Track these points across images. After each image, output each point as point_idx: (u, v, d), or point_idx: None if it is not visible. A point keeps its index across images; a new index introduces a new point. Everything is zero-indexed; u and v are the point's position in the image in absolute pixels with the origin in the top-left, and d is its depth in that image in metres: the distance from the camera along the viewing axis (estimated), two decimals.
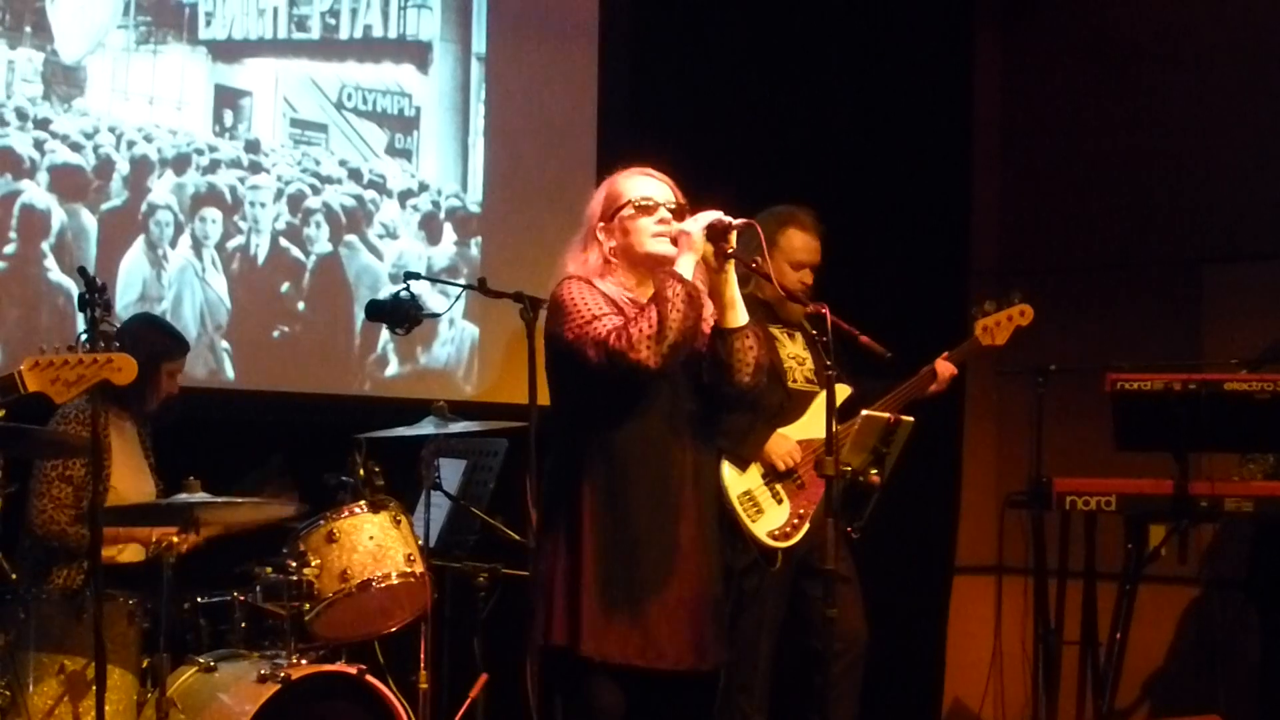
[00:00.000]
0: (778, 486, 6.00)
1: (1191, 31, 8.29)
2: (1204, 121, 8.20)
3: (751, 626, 6.02)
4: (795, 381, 6.14)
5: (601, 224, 4.78)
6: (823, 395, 5.62)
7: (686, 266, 4.58)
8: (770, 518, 5.96)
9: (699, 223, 4.61)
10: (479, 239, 7.61)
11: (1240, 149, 8.04)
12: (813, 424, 6.07)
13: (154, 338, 6.09)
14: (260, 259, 7.04)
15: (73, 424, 5.80)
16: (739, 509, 5.93)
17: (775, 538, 5.95)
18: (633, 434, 4.63)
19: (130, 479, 6.00)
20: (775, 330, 6.16)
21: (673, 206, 4.74)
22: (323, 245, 7.18)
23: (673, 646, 4.62)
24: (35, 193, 6.50)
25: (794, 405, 6.10)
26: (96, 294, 4.92)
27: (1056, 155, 8.72)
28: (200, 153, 6.89)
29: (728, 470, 5.94)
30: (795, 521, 5.97)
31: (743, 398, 4.80)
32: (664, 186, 4.79)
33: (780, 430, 6.05)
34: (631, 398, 4.63)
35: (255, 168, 7.03)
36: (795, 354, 6.17)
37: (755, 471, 6.01)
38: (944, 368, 6.32)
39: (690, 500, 4.70)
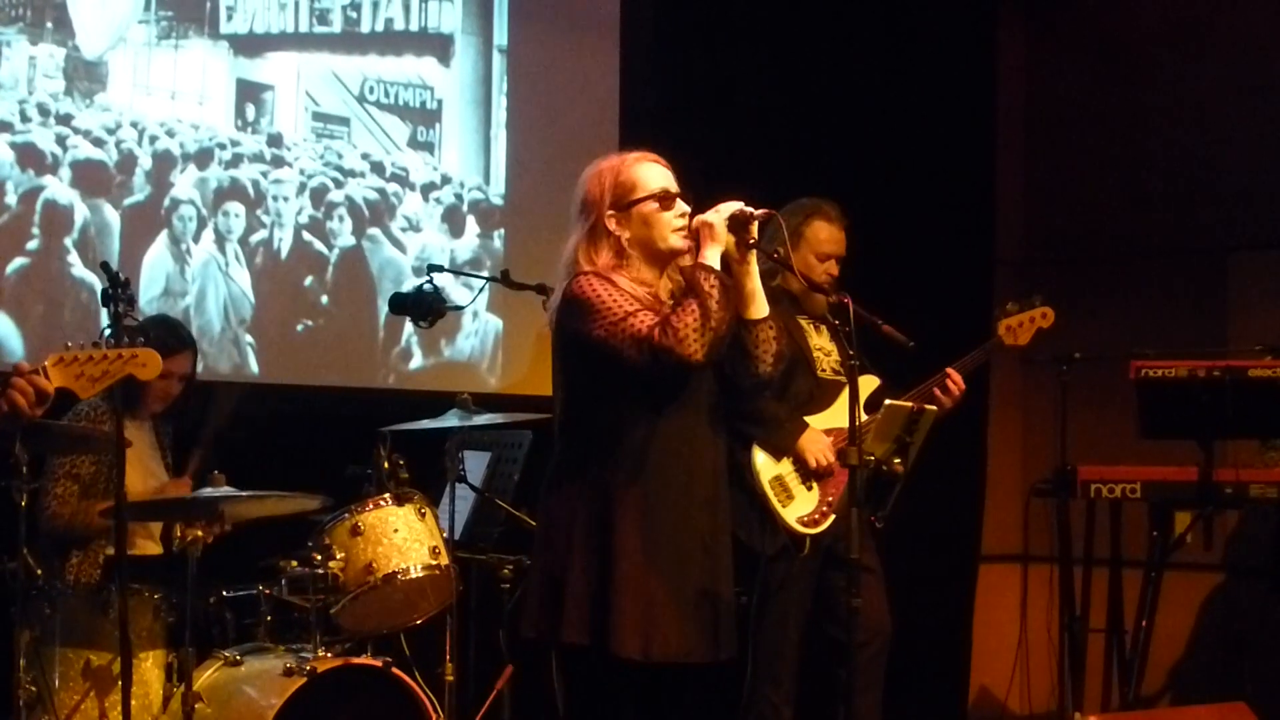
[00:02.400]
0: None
1: (1216, 20, 8.26)
2: (1228, 110, 8.17)
3: (778, 617, 5.99)
4: (823, 371, 6.12)
5: (612, 212, 4.66)
6: None
7: (713, 258, 4.54)
8: (800, 504, 5.95)
9: (721, 214, 4.57)
10: (501, 231, 7.62)
11: (1265, 137, 8.01)
12: (841, 413, 6.02)
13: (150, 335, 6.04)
14: (283, 253, 7.05)
15: (84, 422, 5.81)
16: (770, 494, 5.91)
17: (804, 524, 5.93)
18: (663, 428, 4.58)
19: (140, 479, 5.99)
20: (802, 321, 6.15)
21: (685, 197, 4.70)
22: (346, 239, 7.19)
23: (699, 640, 4.60)
24: (58, 188, 6.52)
25: (823, 393, 6.07)
26: (120, 289, 4.93)
27: (1080, 144, 8.69)
28: (223, 147, 6.91)
29: (760, 456, 5.93)
30: (824, 509, 5.95)
31: (762, 388, 4.78)
32: (671, 176, 4.71)
33: (809, 419, 6.03)
34: (666, 392, 4.57)
35: (278, 162, 7.04)
36: (821, 345, 6.15)
37: (787, 458, 6.00)
38: (950, 381, 6.20)
39: (714, 492, 4.68)
